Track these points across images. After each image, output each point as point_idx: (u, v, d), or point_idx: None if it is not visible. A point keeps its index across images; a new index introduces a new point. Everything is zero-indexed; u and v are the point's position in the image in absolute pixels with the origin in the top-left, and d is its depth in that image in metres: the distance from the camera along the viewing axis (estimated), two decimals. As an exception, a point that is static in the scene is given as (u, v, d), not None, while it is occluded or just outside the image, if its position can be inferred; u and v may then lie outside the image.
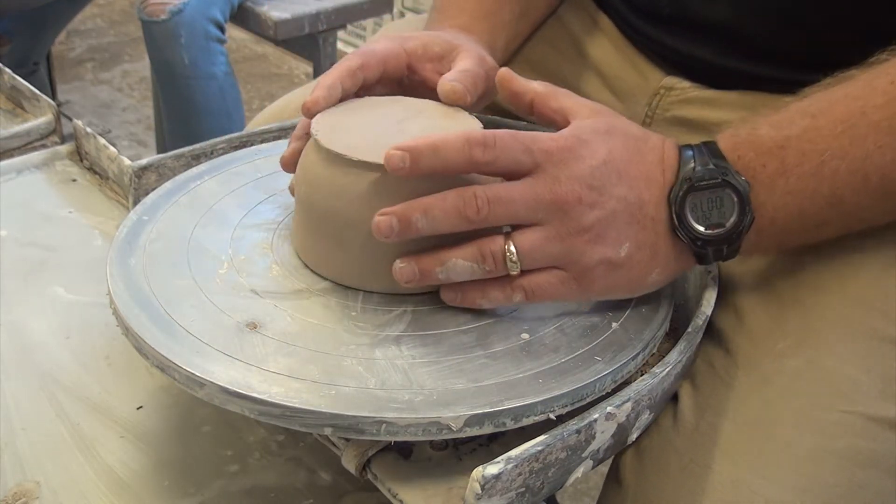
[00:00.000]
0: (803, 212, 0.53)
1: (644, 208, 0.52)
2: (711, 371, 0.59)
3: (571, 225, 0.51)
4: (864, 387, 0.55)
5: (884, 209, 0.54)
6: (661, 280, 0.55)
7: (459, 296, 0.53)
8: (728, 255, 0.54)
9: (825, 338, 0.56)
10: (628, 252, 0.52)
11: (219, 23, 1.80)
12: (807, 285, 0.58)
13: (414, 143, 0.50)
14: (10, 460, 0.56)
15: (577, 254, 0.51)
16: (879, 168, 0.51)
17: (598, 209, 0.51)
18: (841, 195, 0.52)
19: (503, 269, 0.51)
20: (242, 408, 0.47)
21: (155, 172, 0.71)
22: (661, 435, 0.58)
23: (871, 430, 0.54)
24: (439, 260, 0.51)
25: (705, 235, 0.53)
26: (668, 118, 0.73)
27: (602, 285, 0.52)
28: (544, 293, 0.52)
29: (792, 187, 0.53)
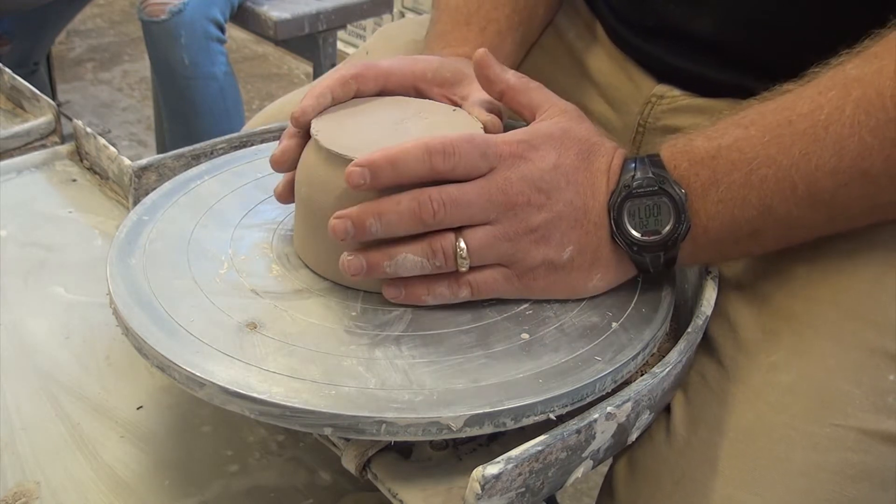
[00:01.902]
0: (735, 220, 0.54)
1: (588, 214, 0.54)
2: (704, 384, 0.59)
3: (520, 225, 0.53)
4: (856, 400, 0.55)
5: (816, 218, 0.54)
6: (602, 286, 0.56)
7: (403, 292, 0.53)
8: (666, 263, 0.55)
9: (817, 350, 0.56)
10: (570, 255, 0.54)
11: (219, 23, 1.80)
12: (799, 297, 0.58)
13: (372, 157, 0.51)
14: (10, 460, 0.56)
15: (522, 253, 0.53)
16: (805, 176, 0.52)
17: (545, 211, 0.53)
18: (769, 203, 0.53)
19: (452, 266, 0.52)
20: (242, 408, 0.47)
21: (155, 172, 0.71)
22: (654, 449, 0.59)
23: (864, 444, 0.54)
24: (388, 255, 0.52)
25: (641, 241, 0.54)
26: (659, 127, 0.73)
27: (542, 285, 0.54)
28: (488, 289, 0.54)
29: (723, 196, 0.53)
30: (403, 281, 0.53)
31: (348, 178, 0.51)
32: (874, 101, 0.50)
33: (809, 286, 0.59)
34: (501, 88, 0.59)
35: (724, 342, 0.60)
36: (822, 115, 0.51)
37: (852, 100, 0.51)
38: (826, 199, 0.52)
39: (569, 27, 0.80)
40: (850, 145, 0.50)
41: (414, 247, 0.52)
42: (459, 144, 0.52)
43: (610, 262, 0.55)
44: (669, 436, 0.58)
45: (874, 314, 0.57)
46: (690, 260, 0.57)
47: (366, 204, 0.52)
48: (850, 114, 0.51)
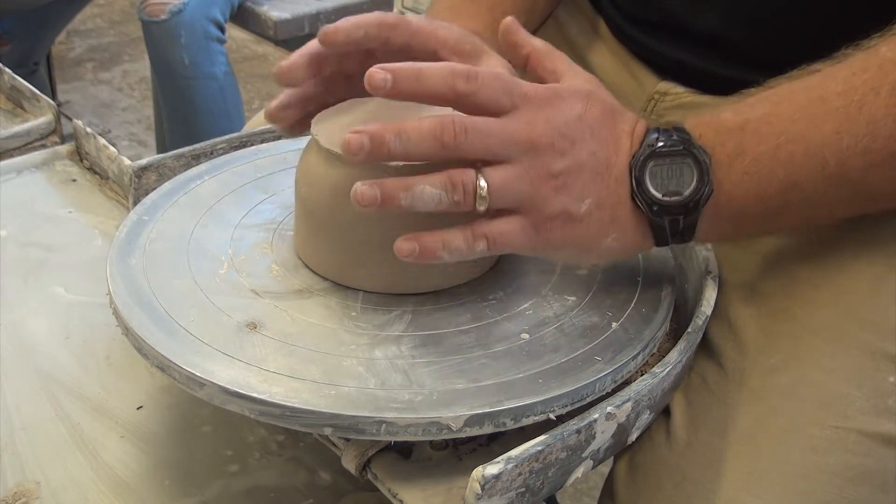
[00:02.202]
0: (760, 194, 0.52)
1: (610, 169, 0.52)
2: (704, 386, 0.59)
3: (541, 168, 0.51)
4: (856, 402, 0.55)
5: (840, 197, 0.53)
6: (616, 247, 0.53)
7: (416, 247, 0.50)
8: (685, 230, 0.53)
9: (817, 352, 0.56)
10: (588, 208, 0.52)
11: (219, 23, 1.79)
12: (799, 298, 0.58)
13: (397, 65, 0.50)
14: (10, 460, 0.56)
15: (541, 198, 0.51)
16: (836, 153, 0.51)
17: (568, 157, 0.51)
18: (797, 179, 0.52)
19: (471, 203, 0.50)
20: (242, 408, 0.47)
21: (155, 172, 0.71)
22: (655, 451, 0.59)
23: (864, 446, 0.54)
24: (405, 185, 0.49)
25: (662, 202, 0.52)
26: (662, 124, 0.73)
27: (559, 237, 0.52)
28: (504, 241, 0.51)
29: (749, 168, 0.52)
30: (417, 236, 0.50)
31: (370, 77, 0.49)
32: None
33: (809, 288, 0.58)
34: (527, 51, 0.57)
35: (724, 344, 0.60)
36: (856, 95, 0.51)
37: (888, 83, 0.50)
38: (855, 178, 0.51)
39: (571, 23, 0.80)
40: (885, 127, 0.50)
41: (433, 178, 0.49)
42: (485, 73, 0.51)
43: (627, 224, 0.53)
44: (670, 438, 0.58)
45: (874, 316, 0.56)
46: (709, 232, 0.54)
47: (386, 123, 0.50)
48: (886, 96, 0.50)
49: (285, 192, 0.64)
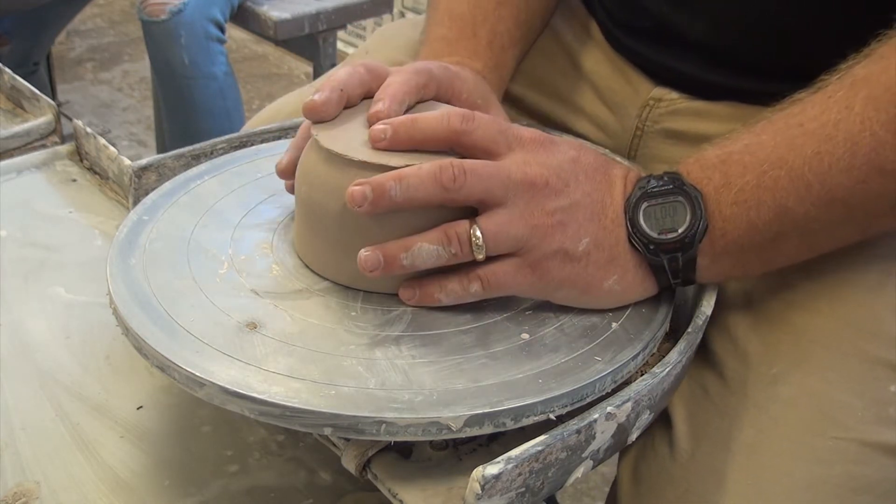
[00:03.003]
0: (752, 223, 0.53)
1: (605, 210, 0.53)
2: (706, 396, 0.59)
3: (537, 207, 0.52)
4: (857, 412, 0.55)
5: (835, 219, 0.52)
6: (618, 291, 0.54)
7: (417, 292, 0.53)
8: (685, 268, 0.54)
9: (817, 362, 0.56)
10: (586, 247, 0.52)
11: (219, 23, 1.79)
12: (798, 308, 0.58)
13: (395, 118, 0.53)
14: (10, 460, 0.56)
15: (537, 238, 0.51)
16: (819, 174, 0.51)
17: (563, 197, 0.52)
18: (785, 204, 0.52)
19: (468, 253, 0.51)
20: (242, 408, 0.47)
21: (155, 172, 0.71)
22: (658, 463, 0.58)
23: (866, 456, 0.54)
24: (404, 245, 0.51)
25: (657, 240, 0.53)
26: (657, 130, 0.72)
27: (557, 277, 0.52)
28: (500, 283, 0.52)
29: (737, 198, 0.53)
30: (417, 282, 0.53)
31: (371, 135, 0.52)
32: (882, 97, 0.50)
33: (808, 297, 0.58)
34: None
35: (724, 354, 0.60)
36: (831, 114, 0.51)
37: (860, 98, 0.50)
38: (842, 196, 0.51)
39: (566, 29, 0.80)
40: (863, 141, 0.50)
41: (429, 235, 0.51)
42: (480, 115, 0.53)
43: (627, 265, 0.54)
44: (673, 450, 0.58)
45: (873, 325, 0.56)
46: (710, 269, 0.55)
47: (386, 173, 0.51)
48: (860, 111, 0.50)
49: (285, 192, 0.64)
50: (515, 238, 0.51)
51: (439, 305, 0.53)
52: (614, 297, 0.55)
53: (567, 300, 0.54)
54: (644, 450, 0.61)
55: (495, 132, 0.53)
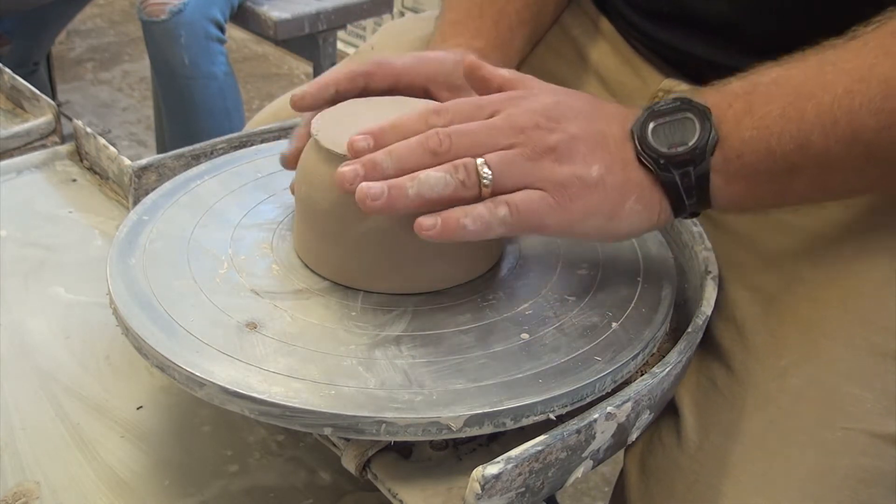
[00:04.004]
0: (771, 150, 0.52)
1: (606, 139, 0.52)
2: (714, 388, 0.59)
3: (536, 145, 0.51)
4: (866, 404, 0.55)
5: (853, 160, 0.51)
6: (639, 210, 0.53)
7: (438, 221, 0.49)
8: (698, 185, 0.52)
9: (826, 354, 0.56)
10: (599, 172, 0.51)
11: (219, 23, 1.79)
12: (806, 299, 0.58)
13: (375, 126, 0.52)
14: (10, 460, 0.56)
15: (547, 171, 0.50)
16: (847, 113, 0.50)
17: (558, 132, 0.51)
18: (808, 137, 0.51)
19: (475, 182, 0.49)
20: (242, 408, 0.47)
21: (155, 172, 0.71)
22: (667, 455, 0.58)
23: (875, 448, 0.54)
24: (411, 176, 0.49)
25: (667, 154, 0.52)
26: None
27: (580, 206, 0.51)
28: (528, 209, 0.50)
29: (758, 124, 0.52)
30: (438, 213, 0.49)
31: (352, 146, 0.51)
32: None
33: (816, 289, 0.58)
34: (498, 83, 0.57)
35: (732, 346, 0.60)
36: (867, 58, 0.50)
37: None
38: (867, 138, 0.50)
39: (573, 23, 0.80)
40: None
41: (436, 167, 0.50)
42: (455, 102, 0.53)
43: (643, 184, 0.52)
44: (681, 441, 0.58)
45: (882, 317, 0.56)
46: (724, 191, 0.53)
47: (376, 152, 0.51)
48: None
49: (285, 192, 0.64)
50: (523, 172, 0.50)
51: (462, 237, 0.49)
52: (638, 219, 0.53)
53: (597, 231, 0.52)
54: (651, 442, 0.61)
55: (472, 109, 0.52)
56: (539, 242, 0.61)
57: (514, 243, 0.61)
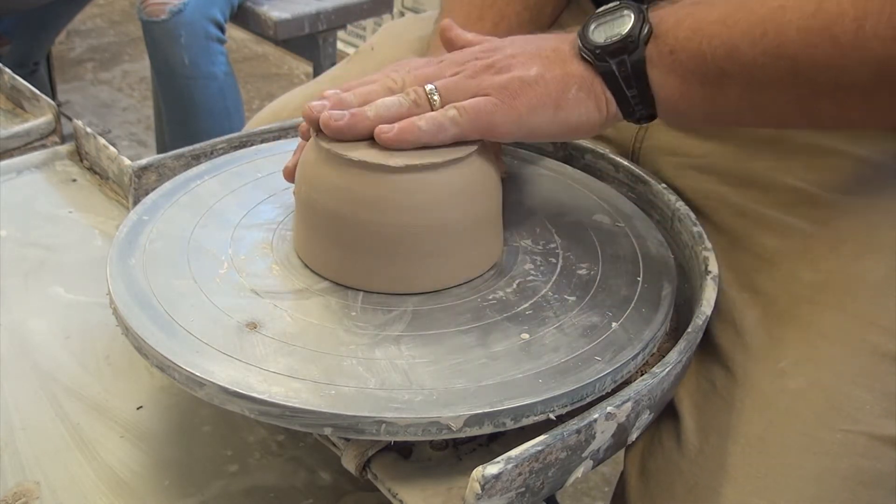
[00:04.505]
0: (702, 52, 0.53)
1: (543, 49, 0.57)
2: (713, 390, 0.59)
3: (476, 67, 0.56)
4: (866, 405, 0.55)
5: (780, 75, 0.52)
6: (583, 98, 0.56)
7: (395, 126, 0.54)
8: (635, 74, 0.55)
9: (825, 356, 0.56)
10: (538, 71, 0.55)
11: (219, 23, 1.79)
12: (805, 301, 0.58)
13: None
14: (10, 460, 0.56)
15: (488, 81, 0.55)
16: (776, 26, 0.51)
17: (497, 54, 0.57)
18: (737, 45, 0.52)
19: (425, 101, 0.55)
20: (242, 408, 0.47)
21: (155, 172, 0.71)
22: (666, 457, 0.58)
23: (875, 450, 0.54)
24: (366, 101, 0.56)
25: (603, 44, 0.55)
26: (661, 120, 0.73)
27: (525, 101, 0.55)
28: (474, 109, 0.55)
29: (694, 27, 0.54)
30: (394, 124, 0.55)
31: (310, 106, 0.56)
32: None
33: (815, 291, 0.58)
34: (461, 45, 0.61)
35: (731, 348, 0.60)
36: None
37: None
38: (792, 53, 0.51)
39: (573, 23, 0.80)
40: (827, 7, 0.50)
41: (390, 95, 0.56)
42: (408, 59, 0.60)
43: (583, 75, 0.56)
44: (681, 444, 0.58)
45: (881, 318, 0.57)
46: (662, 91, 0.56)
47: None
48: None
49: (285, 192, 0.64)
50: (468, 89, 0.55)
51: (419, 139, 0.54)
52: (585, 109, 0.56)
53: (548, 124, 0.56)
54: (651, 444, 0.61)
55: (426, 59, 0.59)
56: (539, 242, 0.61)
57: (514, 242, 0.61)
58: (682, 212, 0.65)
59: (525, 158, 0.72)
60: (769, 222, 0.63)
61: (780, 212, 0.63)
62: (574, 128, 0.56)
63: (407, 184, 0.53)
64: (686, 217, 0.64)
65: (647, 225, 0.64)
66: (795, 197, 0.63)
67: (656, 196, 0.68)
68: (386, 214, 0.54)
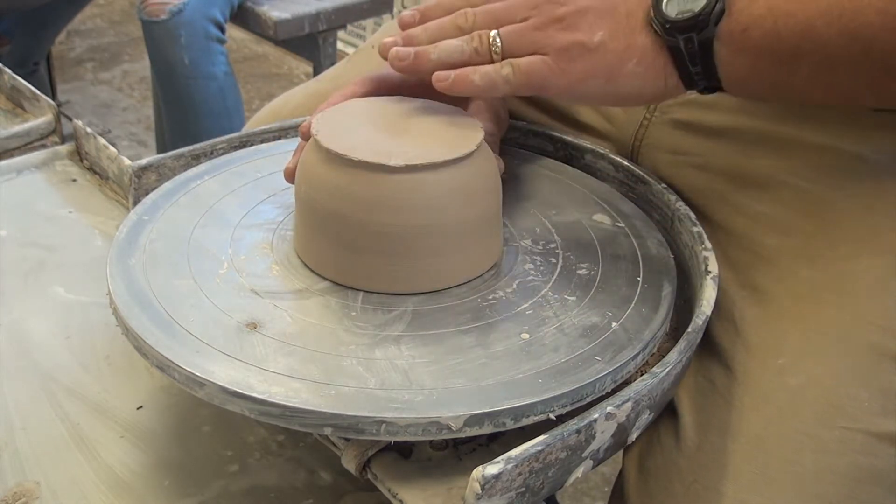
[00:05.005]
0: (777, 31, 0.53)
1: (617, 7, 0.56)
2: (712, 388, 0.59)
3: (545, 17, 0.56)
4: (864, 403, 0.55)
5: (854, 56, 0.52)
6: (641, 72, 0.56)
7: (452, 74, 0.56)
8: (702, 52, 0.54)
9: (824, 353, 0.56)
10: (602, 38, 0.55)
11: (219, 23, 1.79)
12: (804, 299, 0.58)
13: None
14: (10, 460, 0.56)
15: (551, 38, 0.56)
16: (854, 7, 0.51)
17: (569, 5, 0.56)
18: (813, 24, 0.52)
19: (487, 50, 0.57)
20: (242, 408, 0.47)
21: (155, 172, 0.71)
22: (665, 455, 0.58)
23: (873, 447, 0.54)
24: (435, 44, 0.58)
25: (674, 19, 0.54)
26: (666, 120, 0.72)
27: (579, 68, 0.55)
28: (529, 69, 0.56)
29: (770, 4, 0.53)
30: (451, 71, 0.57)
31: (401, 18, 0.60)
32: None
33: (814, 288, 0.58)
34: None
35: (730, 346, 0.60)
36: None
37: None
38: (868, 34, 0.51)
39: None
40: None
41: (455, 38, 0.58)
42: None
43: (646, 49, 0.55)
44: (680, 441, 0.58)
45: (879, 317, 0.57)
46: (729, 63, 0.55)
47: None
48: None
49: (285, 192, 0.64)
50: (530, 41, 0.56)
51: (473, 92, 0.57)
52: (640, 82, 0.56)
53: (596, 94, 0.57)
54: (650, 443, 0.61)
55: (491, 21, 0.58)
56: (539, 242, 0.61)
57: (514, 242, 0.61)
58: (682, 212, 0.65)
59: (525, 158, 0.72)
60: (769, 221, 0.63)
61: (780, 210, 0.63)
62: (624, 98, 0.58)
63: (407, 184, 0.53)
64: (686, 217, 0.64)
65: (647, 225, 0.64)
66: (795, 195, 0.63)
67: (656, 196, 0.68)
68: (386, 214, 0.54)
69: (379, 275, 0.55)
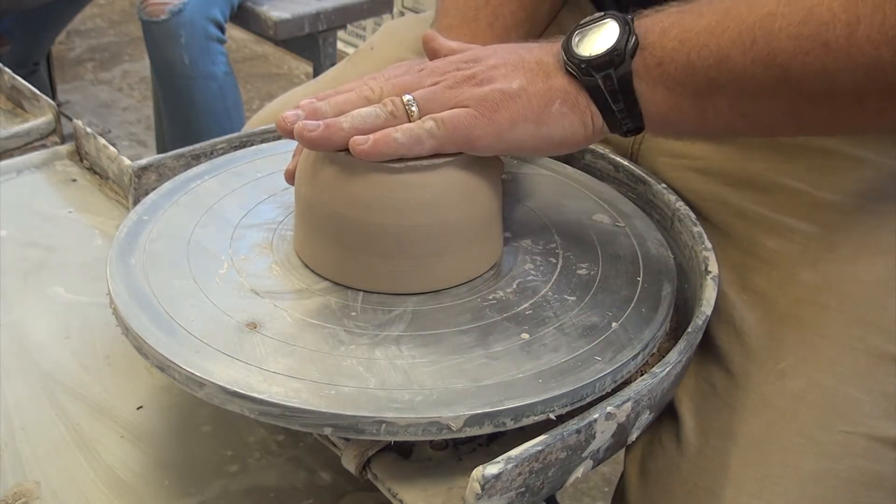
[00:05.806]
0: (691, 63, 0.52)
1: (526, 60, 0.55)
2: (713, 392, 0.59)
3: (457, 76, 0.55)
4: (865, 406, 0.55)
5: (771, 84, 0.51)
6: (567, 113, 0.54)
7: (370, 137, 0.52)
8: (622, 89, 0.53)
9: (825, 357, 0.56)
10: (521, 84, 0.54)
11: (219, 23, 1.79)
12: (804, 302, 0.58)
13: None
14: (10, 460, 0.56)
15: (468, 92, 0.54)
16: (766, 34, 0.50)
17: (479, 65, 0.55)
18: (727, 53, 0.51)
19: (403, 112, 0.54)
20: (242, 408, 0.47)
21: (155, 172, 0.71)
22: (666, 458, 0.58)
23: (875, 451, 0.54)
24: (346, 114, 0.54)
25: (588, 59, 0.53)
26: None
27: (506, 114, 0.53)
28: (453, 120, 0.53)
29: (682, 37, 0.52)
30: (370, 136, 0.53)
31: (283, 117, 0.53)
32: None
33: (814, 292, 0.58)
34: (445, 54, 0.59)
35: (731, 349, 0.60)
36: None
37: None
38: (783, 61, 0.50)
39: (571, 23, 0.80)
40: (818, 12, 0.49)
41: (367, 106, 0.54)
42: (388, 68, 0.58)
43: (567, 90, 0.54)
44: (681, 445, 0.58)
45: (880, 320, 0.57)
46: (651, 105, 0.54)
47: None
48: None
49: (285, 192, 0.64)
50: (447, 100, 0.54)
51: (395, 152, 0.53)
52: (569, 123, 0.54)
53: (529, 140, 0.54)
54: (651, 445, 0.61)
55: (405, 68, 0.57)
56: (539, 242, 0.61)
57: (513, 242, 0.61)
58: (682, 212, 0.65)
59: (525, 158, 0.72)
60: (769, 224, 0.63)
61: (780, 213, 0.63)
62: (558, 143, 0.55)
63: (407, 184, 0.53)
64: (686, 217, 0.64)
65: (647, 225, 0.64)
66: (795, 198, 0.63)
67: (656, 196, 0.68)
68: (386, 214, 0.54)
69: (379, 275, 0.55)
